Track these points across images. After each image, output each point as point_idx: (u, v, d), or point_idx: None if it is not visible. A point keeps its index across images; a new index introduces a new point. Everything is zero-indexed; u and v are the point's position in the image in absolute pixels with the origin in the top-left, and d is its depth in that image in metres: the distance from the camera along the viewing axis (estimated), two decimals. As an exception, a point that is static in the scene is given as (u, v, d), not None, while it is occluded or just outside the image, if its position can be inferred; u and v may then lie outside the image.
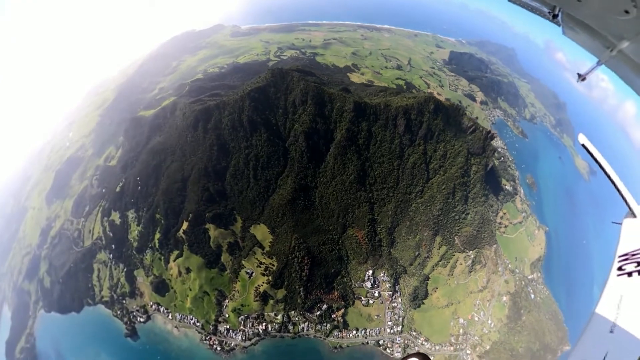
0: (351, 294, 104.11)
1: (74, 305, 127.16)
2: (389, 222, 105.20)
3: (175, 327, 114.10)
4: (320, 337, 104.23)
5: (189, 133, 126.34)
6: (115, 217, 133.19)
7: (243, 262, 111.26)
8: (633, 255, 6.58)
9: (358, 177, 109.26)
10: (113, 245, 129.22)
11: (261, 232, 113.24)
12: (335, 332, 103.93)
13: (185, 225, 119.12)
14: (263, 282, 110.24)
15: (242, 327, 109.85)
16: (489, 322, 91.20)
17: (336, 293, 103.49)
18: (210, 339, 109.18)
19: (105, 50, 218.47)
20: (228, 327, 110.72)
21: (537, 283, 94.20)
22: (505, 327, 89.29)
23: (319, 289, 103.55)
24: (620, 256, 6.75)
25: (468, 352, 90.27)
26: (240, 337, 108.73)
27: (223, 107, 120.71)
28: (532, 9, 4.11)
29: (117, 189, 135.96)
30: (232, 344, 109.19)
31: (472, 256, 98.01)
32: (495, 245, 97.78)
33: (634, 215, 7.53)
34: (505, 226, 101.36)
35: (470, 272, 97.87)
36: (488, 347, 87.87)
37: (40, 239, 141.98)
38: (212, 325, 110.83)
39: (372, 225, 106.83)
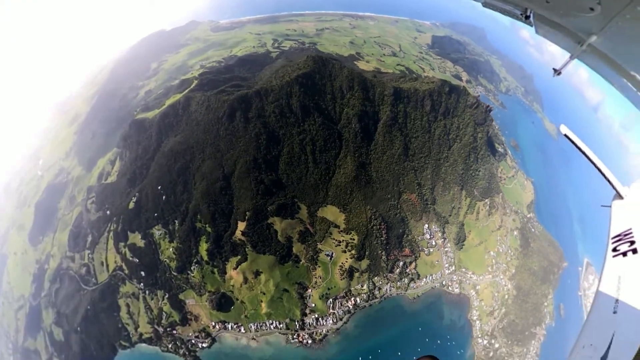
0: (417, 247, 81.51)
1: (105, 352, 70.33)
2: (429, 184, 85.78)
3: (253, 338, 69.22)
4: (402, 293, 77.34)
5: (221, 126, 72.01)
6: (136, 239, 69.73)
7: (319, 246, 67.44)
8: (625, 235, 4.59)
9: (403, 150, 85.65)
10: (142, 272, 70.16)
11: (331, 212, 76.26)
12: (412, 285, 78.54)
13: (242, 225, 66.74)
14: (346, 259, 75.36)
15: (331, 310, 72.61)
16: (509, 251, 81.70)
17: (407, 249, 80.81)
18: (299, 335, 69.32)
19: (59, 67, 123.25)
20: (316, 316, 72.11)
21: (533, 220, 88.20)
22: (520, 254, 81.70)
23: (394, 249, 77.83)
24: (613, 237, 4.71)
25: (501, 277, 79.11)
26: (331, 321, 71.71)
27: (265, 95, 70.01)
28: (506, 12, 2.98)
29: (130, 206, 68.89)
30: (324, 331, 71.13)
31: (488, 203, 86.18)
32: (501, 194, 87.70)
33: (621, 197, 5.36)
34: (504, 179, 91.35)
35: (489, 215, 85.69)
36: (514, 271, 79.47)
37: (35, 287, 77.43)
38: (298, 322, 70.35)
39: (419, 188, 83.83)
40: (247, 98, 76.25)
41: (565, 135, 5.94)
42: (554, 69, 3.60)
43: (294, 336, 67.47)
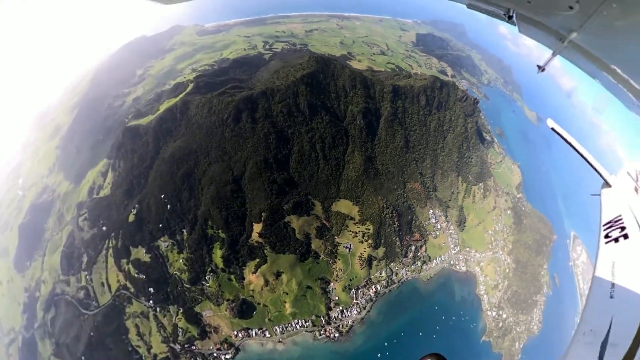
0: (424, 231, 79.17)
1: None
2: (429, 172, 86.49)
3: (279, 341, 61.89)
4: (416, 276, 73.69)
5: (226, 128, 62.05)
6: (140, 254, 57.31)
7: (337, 239, 60.50)
8: (616, 222, 4.50)
9: (404, 143, 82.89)
10: (150, 289, 58.24)
11: (345, 206, 73.99)
12: (424, 267, 75.23)
13: (258, 227, 56.98)
14: (364, 248, 70.50)
15: (354, 301, 67.60)
16: (505, 229, 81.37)
17: (416, 234, 79.99)
18: (326, 330, 63.16)
19: (35, 77, 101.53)
20: (341, 308, 66.58)
21: (523, 200, 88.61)
22: (515, 230, 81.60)
23: (406, 235, 74.26)
24: (604, 225, 4.60)
25: (500, 252, 78.04)
26: (355, 312, 66.55)
27: (271, 95, 60.52)
28: (489, 13, 2.83)
29: (130, 219, 55.28)
30: (349, 322, 65.56)
31: (482, 187, 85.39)
32: (492, 178, 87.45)
33: (609, 185, 5.24)
34: (493, 164, 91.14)
35: (484, 197, 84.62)
36: (511, 246, 78.92)
37: (26, 318, 61.87)
38: (323, 317, 64.36)
39: (421, 177, 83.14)
40: (253, 99, 66.52)
41: (552, 128, 5.73)
42: (538, 65, 3.47)
43: (321, 332, 60.28)
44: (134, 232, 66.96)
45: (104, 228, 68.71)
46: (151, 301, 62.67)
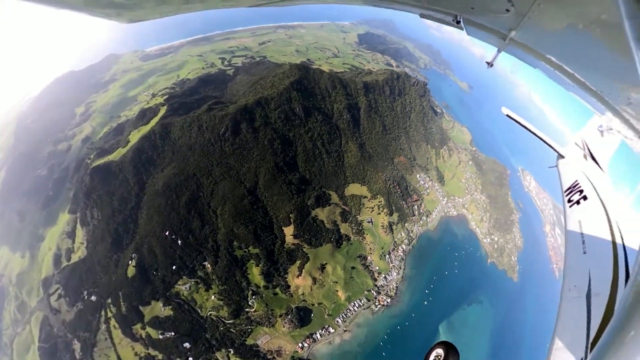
0: (419, 192, 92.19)
1: None
2: (407, 146, 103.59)
3: (345, 330, 62.21)
4: (425, 228, 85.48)
5: (225, 142, 62.99)
6: (156, 310, 55.25)
7: (359, 218, 71.04)
8: (574, 187, 5.06)
9: (382, 128, 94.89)
10: (186, 344, 56.53)
11: (355, 188, 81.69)
12: (428, 220, 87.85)
13: (289, 230, 60.53)
14: (383, 218, 77.76)
15: (391, 264, 74.23)
16: (472, 176, 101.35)
17: (415, 196, 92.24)
18: (379, 300, 67.33)
19: None
20: (383, 275, 71.79)
21: (477, 151, 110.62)
22: (479, 174, 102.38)
23: (407, 198, 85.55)
24: (565, 191, 5.16)
25: (475, 193, 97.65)
26: (395, 274, 73.05)
27: (266, 103, 65.53)
28: (439, 20, 3.16)
29: (129, 273, 50.05)
30: (394, 285, 71.21)
31: (446, 148, 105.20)
32: (451, 140, 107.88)
33: (562, 156, 6.03)
34: (448, 130, 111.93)
35: (450, 156, 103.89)
36: (480, 187, 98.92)
37: None
38: (373, 289, 68.51)
39: (402, 151, 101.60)
40: (249, 109, 66.58)
41: (507, 115, 6.43)
42: (487, 62, 3.80)
43: (376, 304, 64.35)
44: (139, 288, 55.15)
45: (93, 298, 53.73)
46: (190, 358, 52.75)
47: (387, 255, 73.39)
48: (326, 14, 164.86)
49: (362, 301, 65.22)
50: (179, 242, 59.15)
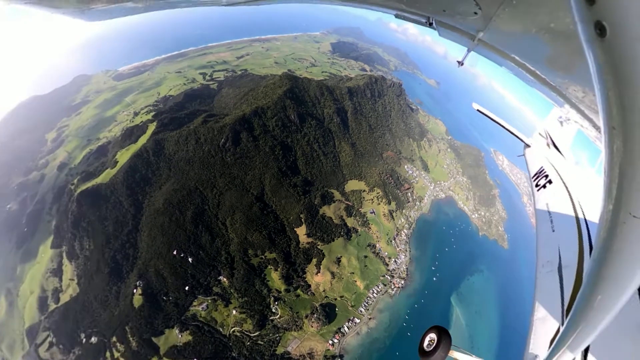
0: (409, 181, 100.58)
1: None
2: (392, 141, 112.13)
3: (369, 319, 64.29)
4: (420, 212, 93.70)
5: (226, 152, 64.84)
6: (172, 337, 56.24)
7: (362, 210, 76.94)
8: (540, 172, 6.01)
9: (369, 127, 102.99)
10: None
11: (354, 184, 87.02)
12: (422, 204, 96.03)
13: (302, 230, 64.28)
14: (383, 207, 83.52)
15: (397, 248, 79.11)
16: (452, 161, 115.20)
17: (406, 184, 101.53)
18: (394, 284, 70.95)
19: None
20: (394, 260, 76.23)
21: (452, 139, 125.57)
22: (458, 159, 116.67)
23: (400, 187, 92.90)
24: (532, 177, 6.10)
25: (457, 176, 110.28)
26: (403, 256, 78.16)
27: (262, 112, 69.81)
28: (414, 21, 3.46)
29: (136, 304, 50.46)
30: (404, 267, 75.31)
31: (426, 140, 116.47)
32: (429, 132, 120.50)
33: (529, 146, 7.06)
34: (425, 123, 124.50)
35: (430, 147, 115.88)
36: (461, 170, 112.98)
37: None
38: (387, 274, 72.29)
39: (388, 146, 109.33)
40: (247, 119, 68.30)
41: (478, 110, 7.05)
42: (457, 61, 3.92)
43: (392, 288, 67.90)
44: (150, 318, 50.35)
45: (94, 340, 47.23)
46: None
47: (393, 241, 78.46)
48: (297, 26, 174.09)
49: (380, 287, 68.03)
50: (190, 259, 56.04)
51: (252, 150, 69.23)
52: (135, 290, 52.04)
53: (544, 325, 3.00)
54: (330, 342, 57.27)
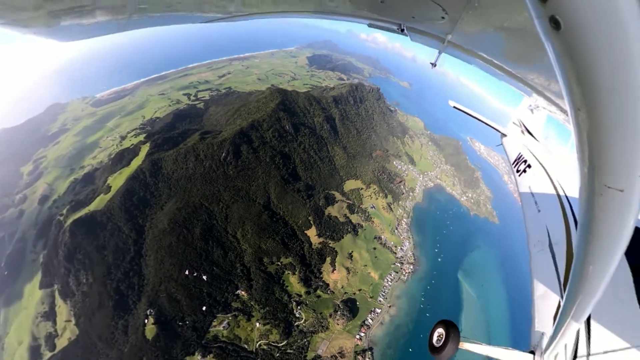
0: (399, 175, 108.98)
1: None
2: (378, 141, 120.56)
3: (389, 306, 66.12)
4: (415, 201, 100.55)
5: (227, 166, 67.67)
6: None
7: (363, 206, 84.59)
8: (519, 158, 6.12)
9: (356, 131, 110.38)
10: None
11: (352, 184, 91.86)
12: (415, 194, 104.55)
13: (312, 231, 68.29)
14: (381, 201, 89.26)
15: (401, 237, 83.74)
16: (434, 153, 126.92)
17: (398, 178, 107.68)
18: (405, 269, 74.75)
19: None
20: (400, 248, 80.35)
21: (432, 133, 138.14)
22: (439, 151, 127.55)
23: (393, 181, 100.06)
24: (512, 163, 6.24)
25: (441, 165, 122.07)
26: (407, 243, 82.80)
27: (259, 125, 74.51)
28: (386, 29, 3.52)
29: (149, 335, 50.75)
30: (410, 253, 79.81)
31: (408, 137, 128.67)
32: (409, 129, 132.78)
33: (505, 135, 7.34)
34: (404, 122, 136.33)
35: (413, 142, 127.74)
36: (443, 159, 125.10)
37: None
38: (397, 262, 75.87)
39: (376, 146, 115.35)
40: (245, 132, 70.89)
41: (454, 107, 7.66)
42: (431, 62, 4.06)
43: (404, 273, 71.85)
44: (167, 347, 46.52)
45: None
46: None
47: (396, 230, 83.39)
48: (272, 43, 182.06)
49: (392, 275, 70.90)
50: (204, 277, 53.78)
51: (253, 162, 70.62)
52: (146, 321, 48.10)
53: (545, 302, 3.07)
54: (358, 336, 57.60)
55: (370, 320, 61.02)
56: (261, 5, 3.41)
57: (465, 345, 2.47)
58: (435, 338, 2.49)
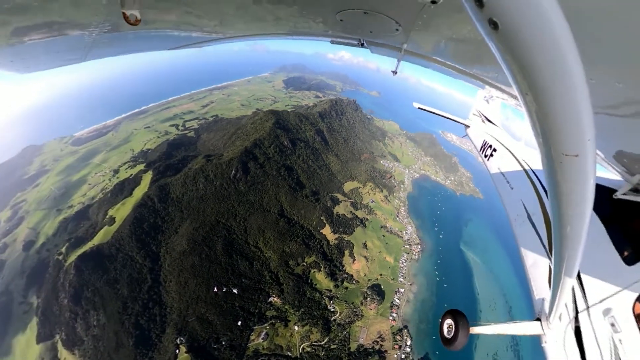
0: (388, 171, 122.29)
1: None
2: (364, 146, 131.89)
3: (410, 284, 71.66)
4: (407, 191, 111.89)
5: (238, 183, 73.77)
6: None
7: (364, 202, 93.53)
8: (484, 145, 6.67)
9: (343, 140, 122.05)
10: None
11: (350, 185, 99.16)
12: (405, 186, 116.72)
13: (327, 230, 76.15)
14: (379, 195, 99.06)
15: (403, 223, 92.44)
16: (413, 149, 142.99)
17: (388, 174, 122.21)
18: (413, 251, 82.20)
19: None
20: (403, 232, 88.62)
21: (407, 133, 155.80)
22: (417, 145, 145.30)
23: (384, 177, 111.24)
24: (479, 150, 6.85)
25: (422, 158, 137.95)
26: (410, 228, 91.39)
27: (261, 143, 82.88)
28: (347, 44, 3.77)
29: None
30: (415, 236, 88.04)
31: (388, 139, 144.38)
32: (387, 132, 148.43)
33: (469, 126, 8.01)
34: (382, 126, 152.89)
35: (393, 143, 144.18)
36: (423, 152, 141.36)
37: None
38: (405, 246, 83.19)
39: (367, 148, 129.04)
40: (249, 151, 76.38)
41: (419, 107, 8.30)
42: (392, 71, 4.26)
43: (414, 254, 79.33)
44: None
45: None
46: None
47: (397, 217, 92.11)
48: (246, 71, 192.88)
49: (405, 256, 77.02)
50: (234, 290, 52.50)
51: (261, 176, 74.35)
52: (177, 351, 44.38)
53: (537, 270, 3.23)
54: (391, 317, 60.05)
55: (397, 300, 64.38)
56: (233, 29, 3.59)
57: (476, 330, 2.60)
58: (445, 330, 2.62)
